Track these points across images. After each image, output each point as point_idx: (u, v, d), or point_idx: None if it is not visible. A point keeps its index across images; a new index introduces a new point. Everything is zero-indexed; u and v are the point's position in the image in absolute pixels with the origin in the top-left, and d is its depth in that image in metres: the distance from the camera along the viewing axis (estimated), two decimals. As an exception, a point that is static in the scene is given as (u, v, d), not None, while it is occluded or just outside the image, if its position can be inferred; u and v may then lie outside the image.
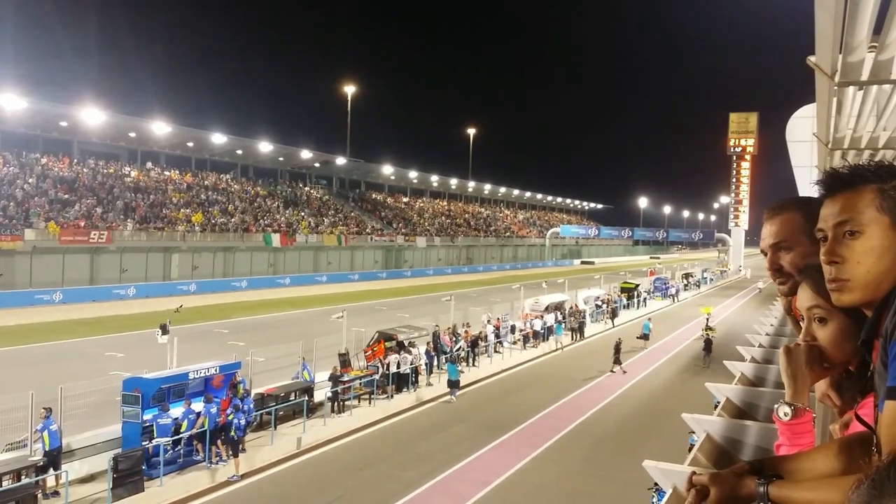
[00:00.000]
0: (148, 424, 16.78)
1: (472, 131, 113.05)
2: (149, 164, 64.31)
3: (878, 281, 1.37)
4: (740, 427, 4.03)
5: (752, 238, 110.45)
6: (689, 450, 4.93)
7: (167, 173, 64.46)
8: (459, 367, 27.32)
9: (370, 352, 26.42)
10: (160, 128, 58.52)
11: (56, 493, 14.93)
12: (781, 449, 1.81)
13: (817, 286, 1.66)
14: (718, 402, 5.38)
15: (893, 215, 1.34)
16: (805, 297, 1.76)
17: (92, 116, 52.81)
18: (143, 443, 16.28)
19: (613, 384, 28.79)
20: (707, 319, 38.97)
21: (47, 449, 14.82)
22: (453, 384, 25.88)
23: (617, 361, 30.72)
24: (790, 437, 1.79)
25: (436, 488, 16.98)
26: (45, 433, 14.85)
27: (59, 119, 54.50)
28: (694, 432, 4.61)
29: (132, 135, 61.47)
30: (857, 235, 1.40)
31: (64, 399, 16.15)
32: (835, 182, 1.45)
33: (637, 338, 37.86)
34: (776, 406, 1.81)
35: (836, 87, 4.85)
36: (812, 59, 4.37)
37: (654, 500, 11.79)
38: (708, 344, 33.25)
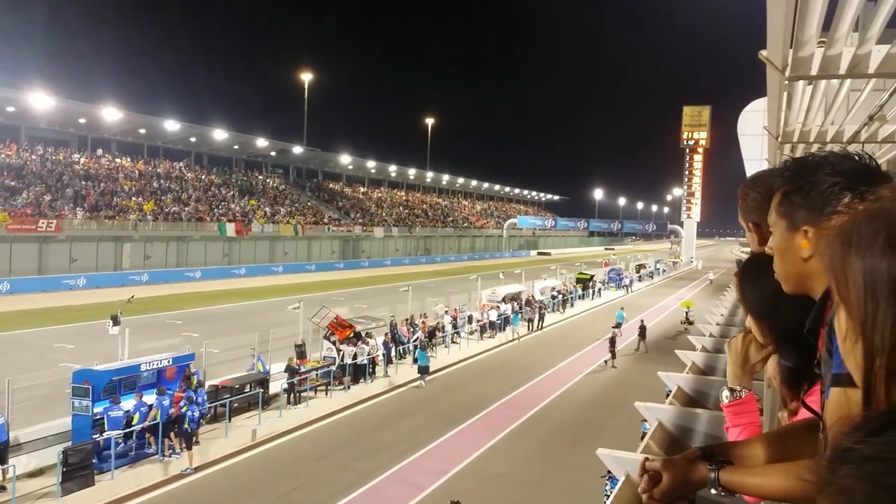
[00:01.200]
0: (99, 417, 16.47)
1: (430, 122, 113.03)
2: (99, 151, 62.84)
3: (785, 278, 1.43)
4: (691, 415, 4.11)
5: (704, 230, 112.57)
6: (642, 438, 5.00)
7: (118, 161, 63.05)
8: (430, 354, 28.14)
9: (336, 327, 25.94)
10: (111, 114, 57.21)
11: (3, 488, 14.56)
12: (730, 431, 1.88)
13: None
14: (670, 391, 5.48)
15: (789, 219, 1.38)
16: None
17: (40, 101, 51.39)
18: (94, 436, 15.99)
19: (569, 374, 29.11)
20: (686, 313, 39.68)
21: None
22: (423, 370, 26.60)
23: (613, 355, 31.06)
24: (731, 418, 1.88)
25: (393, 478, 17.00)
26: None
27: (5, 104, 52.82)
28: (646, 420, 4.69)
29: (82, 121, 60.00)
30: (770, 234, 1.48)
31: (11, 391, 15.78)
32: (776, 180, 1.51)
33: (612, 327, 38.40)
34: (721, 390, 1.91)
35: (786, 82, 4.95)
36: (764, 53, 4.45)
37: (608, 487, 11.95)
38: (642, 330, 34.91)
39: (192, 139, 70.56)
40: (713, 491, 1.44)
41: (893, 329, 0.76)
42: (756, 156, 20.34)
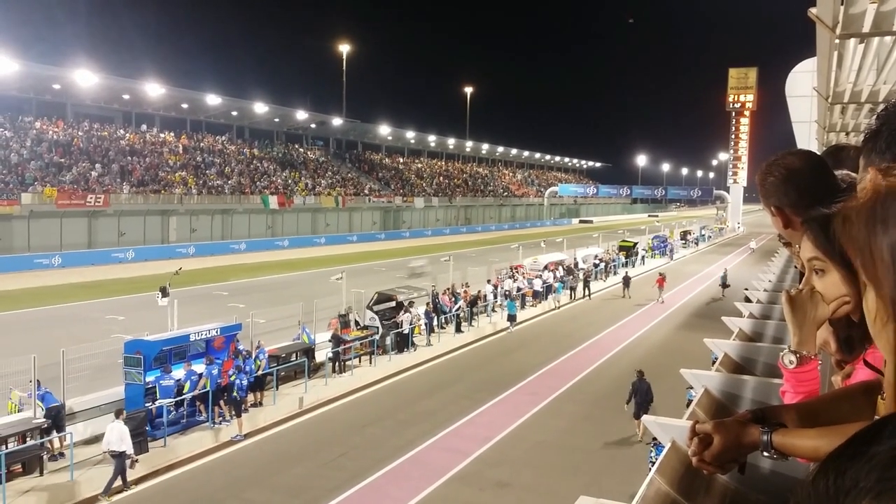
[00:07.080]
0: (150, 386, 16.92)
1: (469, 90, 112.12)
2: (143, 127, 63.80)
3: None
4: (738, 382, 4.06)
5: (751, 195, 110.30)
6: (688, 405, 4.97)
7: (162, 135, 63.97)
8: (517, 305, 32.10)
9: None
10: (154, 89, 57.94)
11: (62, 454, 15.11)
12: (786, 395, 1.83)
13: (816, 238, 1.66)
14: (716, 358, 5.42)
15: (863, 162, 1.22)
16: (806, 249, 1.76)
17: (85, 78, 52.20)
18: (147, 404, 16.43)
19: (611, 341, 28.99)
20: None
21: (45, 408, 14.94)
22: (511, 318, 30.66)
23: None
24: (794, 385, 1.80)
25: (437, 444, 17.21)
26: (35, 398, 14.97)
27: (51, 81, 53.90)
28: (692, 387, 4.66)
29: (126, 97, 60.89)
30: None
31: (66, 362, 16.25)
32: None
33: (719, 285, 40.80)
34: (782, 353, 1.83)
35: (837, 40, 4.79)
36: (813, 10, 4.31)
37: (653, 454, 11.95)
38: (626, 280, 40.46)
39: (234, 113, 71.17)
40: (765, 454, 1.42)
41: None
42: (805, 118, 19.85)
